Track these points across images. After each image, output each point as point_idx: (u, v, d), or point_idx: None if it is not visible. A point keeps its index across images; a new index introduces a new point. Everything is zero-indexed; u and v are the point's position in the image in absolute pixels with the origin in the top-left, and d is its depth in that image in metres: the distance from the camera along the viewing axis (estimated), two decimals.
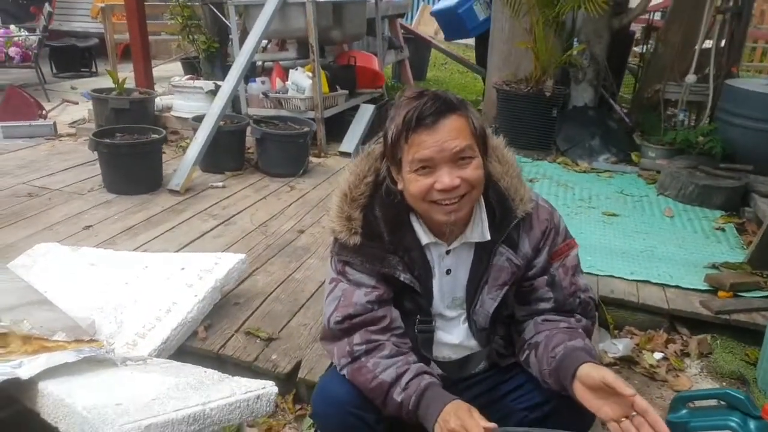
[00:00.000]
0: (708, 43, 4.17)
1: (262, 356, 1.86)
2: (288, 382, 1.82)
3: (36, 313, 1.68)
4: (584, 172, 3.98)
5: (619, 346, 2.23)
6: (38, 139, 4.09)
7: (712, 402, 1.59)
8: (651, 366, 2.17)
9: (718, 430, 1.48)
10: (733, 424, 1.46)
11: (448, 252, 1.27)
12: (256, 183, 3.45)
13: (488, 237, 1.24)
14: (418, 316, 1.29)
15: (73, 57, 6.59)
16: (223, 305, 2.09)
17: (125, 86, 3.93)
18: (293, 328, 2.01)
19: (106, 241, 2.58)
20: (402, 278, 1.24)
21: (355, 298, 1.24)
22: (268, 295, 2.21)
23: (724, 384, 2.10)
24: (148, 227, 2.76)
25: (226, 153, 3.53)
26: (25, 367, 1.38)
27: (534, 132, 4.25)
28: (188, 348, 1.87)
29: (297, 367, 1.83)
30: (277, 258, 2.52)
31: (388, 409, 1.21)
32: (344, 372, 1.25)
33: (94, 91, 3.99)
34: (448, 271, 1.29)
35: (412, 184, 1.16)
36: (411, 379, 1.17)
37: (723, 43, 4.04)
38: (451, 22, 5.98)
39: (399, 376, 1.18)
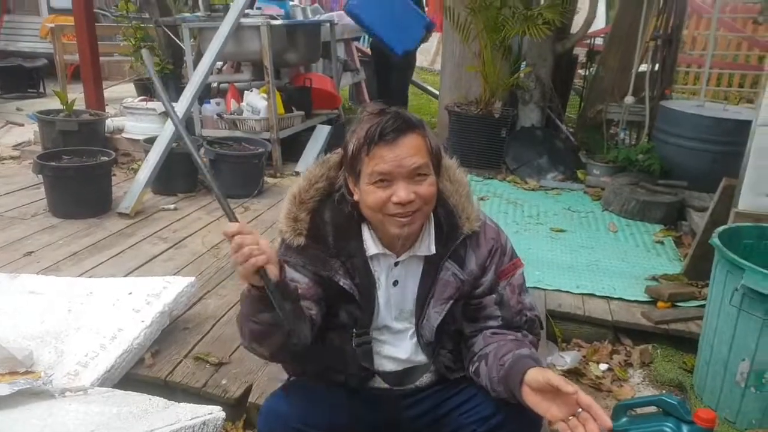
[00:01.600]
0: (644, 67, 4.41)
1: (211, 381, 1.84)
2: (238, 407, 1.80)
3: None
4: (533, 189, 4.11)
5: (567, 359, 2.30)
6: None
7: (652, 408, 1.66)
8: (597, 377, 2.25)
9: None
10: (667, 430, 1.53)
11: (396, 264, 1.31)
12: (208, 205, 3.42)
13: (433, 251, 1.29)
14: (355, 330, 1.31)
15: (19, 78, 6.40)
16: (171, 330, 2.06)
17: (74, 107, 3.85)
18: (244, 352, 1.98)
19: (49, 268, 2.51)
20: (341, 283, 1.27)
21: None
22: (219, 319, 2.19)
23: (664, 391, 2.20)
24: (95, 252, 2.70)
25: (179, 175, 3.50)
26: None
27: (484, 152, 4.38)
28: (135, 375, 1.83)
29: (248, 391, 1.82)
30: (229, 281, 2.51)
31: (322, 427, 1.26)
32: (244, 342, 1.25)
33: (41, 112, 3.89)
34: (395, 283, 1.32)
35: (370, 195, 1.21)
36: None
37: (657, 67, 4.28)
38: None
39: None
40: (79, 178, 3.02)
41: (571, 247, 3.14)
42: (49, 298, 1.98)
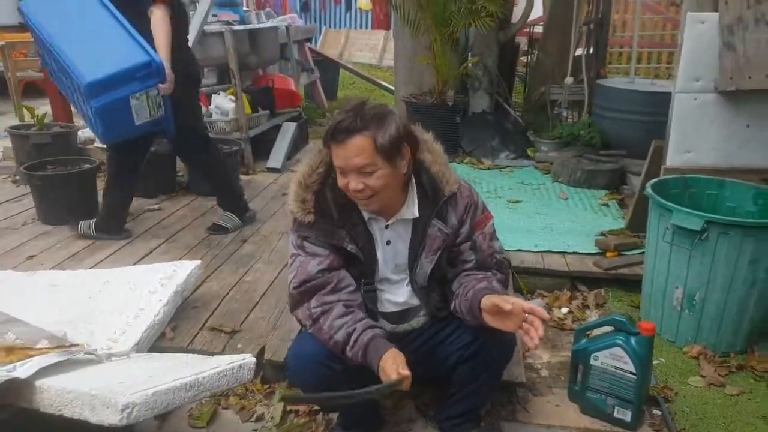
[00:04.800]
0: (580, 51, 4.85)
1: (228, 346, 2.07)
2: (255, 366, 2.03)
3: (15, 328, 1.79)
4: (488, 169, 4.47)
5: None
6: None
7: (606, 329, 2.00)
8: (560, 319, 2.60)
9: (609, 348, 1.89)
10: (619, 341, 1.87)
11: (387, 227, 1.59)
12: (190, 203, 3.60)
13: (416, 214, 1.57)
14: (363, 281, 1.59)
15: None
16: (184, 309, 2.27)
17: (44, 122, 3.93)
18: (252, 321, 2.23)
19: (53, 268, 2.64)
20: (349, 248, 1.55)
21: (310, 267, 1.54)
22: (224, 297, 2.41)
23: None
24: (93, 251, 2.85)
25: (157, 177, 3.65)
26: (19, 369, 1.51)
27: (441, 137, 4.39)
28: (159, 348, 2.03)
29: (262, 352, 2.05)
30: (226, 266, 2.72)
31: (346, 361, 1.51)
32: (310, 332, 1.54)
33: (12, 128, 3.95)
34: (388, 242, 1.60)
35: (338, 179, 1.49)
36: (358, 337, 1.47)
37: (591, 50, 4.71)
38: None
39: (349, 335, 1.48)
40: (67, 185, 3.15)
41: (527, 214, 3.50)
42: (68, 289, 2.15)
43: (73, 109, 4.54)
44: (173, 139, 3.00)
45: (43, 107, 4.52)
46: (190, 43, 3.76)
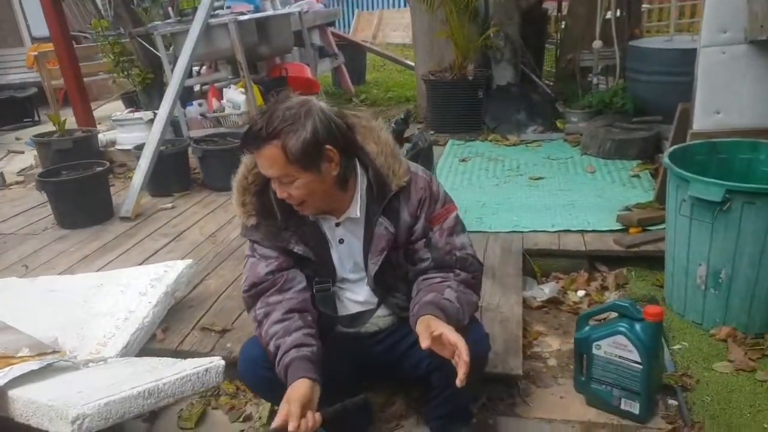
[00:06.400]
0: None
1: (218, 346, 2.04)
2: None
3: (0, 337, 1.83)
4: (514, 145, 4.24)
5: (546, 290, 2.47)
6: None
7: (613, 315, 1.82)
8: (575, 303, 2.42)
9: (611, 336, 1.72)
10: (622, 329, 1.70)
11: (338, 225, 1.48)
12: (203, 200, 3.61)
13: (358, 214, 1.44)
14: (315, 279, 1.49)
15: (13, 109, 6.62)
16: (178, 309, 2.26)
17: (66, 127, 4.05)
18: (244, 319, 2.18)
19: (65, 271, 2.72)
20: (296, 250, 1.45)
21: (259, 269, 1.46)
22: (220, 295, 2.39)
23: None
24: (104, 253, 2.90)
25: (172, 175, 3.68)
26: None
27: (464, 115, 4.51)
28: (149, 350, 2.02)
29: None
30: (227, 262, 2.70)
31: None
32: (255, 334, 1.47)
33: (36, 136, 4.09)
34: (341, 241, 1.49)
35: None
36: (282, 356, 1.35)
37: (623, 11, 4.36)
38: None
39: (276, 349, 1.37)
40: (79, 189, 3.22)
41: (549, 191, 3.29)
42: (65, 294, 2.18)
43: (95, 113, 4.68)
44: None
45: None
46: (194, 36, 3.75)
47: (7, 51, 7.46)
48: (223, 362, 1.57)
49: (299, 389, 1.28)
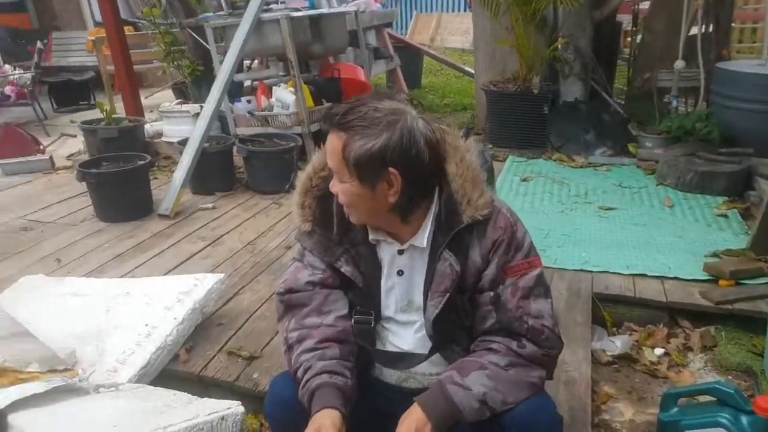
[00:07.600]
0: (695, 29, 4.10)
1: (243, 375, 1.83)
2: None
3: (14, 345, 1.68)
4: (581, 167, 3.91)
5: (617, 344, 2.16)
6: (36, 174, 4.12)
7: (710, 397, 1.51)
8: (651, 363, 2.10)
9: (709, 428, 1.41)
10: (723, 421, 1.39)
11: (401, 252, 1.24)
12: (245, 202, 3.44)
13: (424, 244, 1.21)
14: (356, 308, 1.28)
15: (71, 91, 6.68)
16: (206, 326, 2.06)
17: (115, 116, 3.96)
18: (275, 345, 1.97)
19: (96, 270, 2.58)
20: (343, 270, 1.25)
21: (300, 276, 1.29)
22: (253, 314, 2.18)
23: (730, 377, 2.02)
24: (137, 253, 2.75)
25: (215, 174, 3.53)
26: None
27: (526, 130, 4.20)
28: (170, 372, 1.84)
29: None
30: (264, 275, 2.49)
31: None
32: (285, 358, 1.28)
33: (84, 122, 4.02)
34: (400, 272, 1.25)
35: None
36: (310, 378, 1.18)
37: (710, 27, 3.96)
38: None
39: (305, 371, 1.20)
40: (118, 182, 3.09)
41: (621, 225, 2.95)
42: (89, 300, 2.02)
43: (147, 101, 4.59)
44: None
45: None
46: (245, 31, 3.57)
47: (70, 34, 7.57)
48: (242, 410, 1.37)
49: (331, 416, 1.11)
